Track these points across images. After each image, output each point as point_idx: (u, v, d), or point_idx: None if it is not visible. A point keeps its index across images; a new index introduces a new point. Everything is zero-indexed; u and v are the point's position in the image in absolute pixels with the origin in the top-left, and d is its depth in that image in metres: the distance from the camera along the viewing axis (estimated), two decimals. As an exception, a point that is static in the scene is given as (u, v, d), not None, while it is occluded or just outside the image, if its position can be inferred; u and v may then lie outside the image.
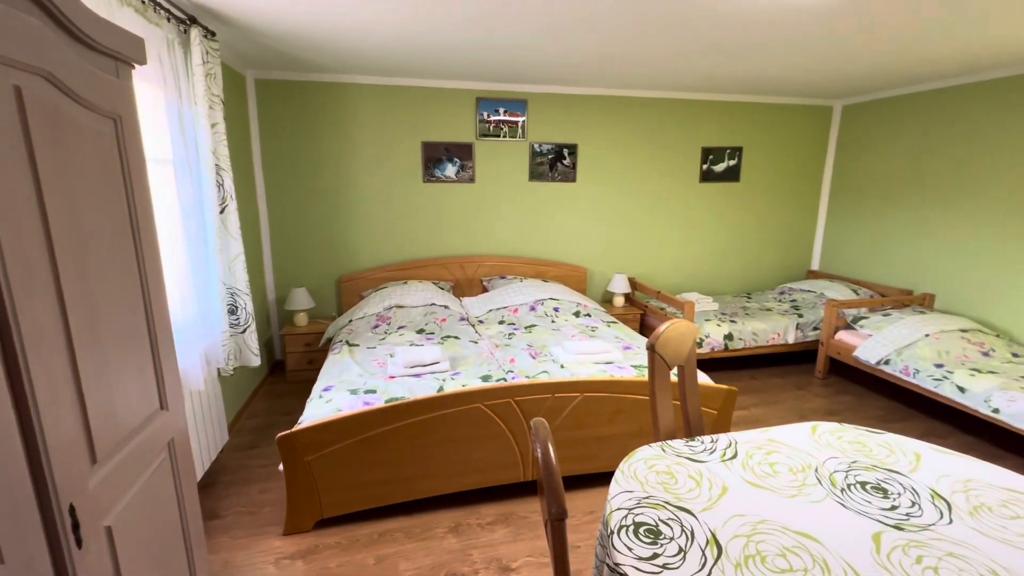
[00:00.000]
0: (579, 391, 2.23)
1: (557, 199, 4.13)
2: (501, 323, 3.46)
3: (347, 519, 2.14)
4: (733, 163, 4.39)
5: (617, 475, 1.21)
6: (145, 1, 1.89)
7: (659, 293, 3.87)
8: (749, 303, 4.26)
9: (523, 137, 3.92)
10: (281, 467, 1.98)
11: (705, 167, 4.34)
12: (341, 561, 1.92)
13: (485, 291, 4.02)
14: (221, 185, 2.43)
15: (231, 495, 2.31)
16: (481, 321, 3.52)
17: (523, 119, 3.89)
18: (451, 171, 3.87)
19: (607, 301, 4.37)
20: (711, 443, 1.37)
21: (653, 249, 4.44)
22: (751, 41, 2.64)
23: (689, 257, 4.54)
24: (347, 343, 2.99)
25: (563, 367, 2.61)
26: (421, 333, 3.20)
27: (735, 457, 1.30)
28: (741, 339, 3.71)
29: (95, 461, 0.96)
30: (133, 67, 1.16)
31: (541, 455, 0.95)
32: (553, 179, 4.07)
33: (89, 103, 0.97)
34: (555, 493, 0.92)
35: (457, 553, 1.96)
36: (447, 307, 3.51)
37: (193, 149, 2.27)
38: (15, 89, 0.78)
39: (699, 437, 1.41)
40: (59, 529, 0.84)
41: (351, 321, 3.36)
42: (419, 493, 2.16)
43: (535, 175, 4.02)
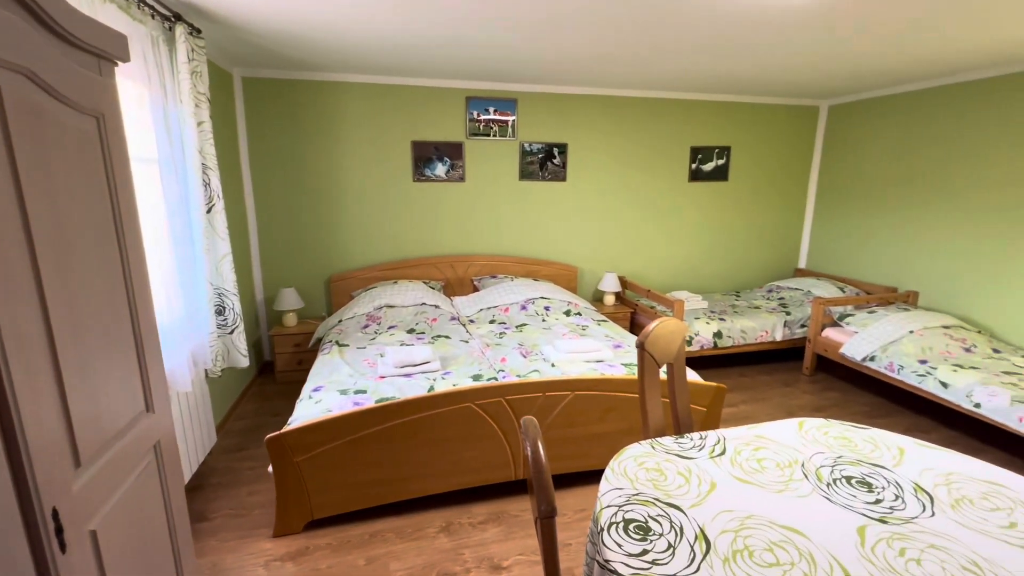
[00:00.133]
0: (570, 390, 2.24)
1: (547, 198, 4.14)
2: (492, 322, 3.46)
3: (338, 520, 2.13)
4: (722, 162, 4.43)
5: (607, 473, 1.22)
6: (129, -2, 1.86)
7: (649, 292, 3.89)
8: (738, 301, 4.31)
9: (513, 136, 3.93)
10: (270, 469, 1.96)
11: (694, 166, 4.37)
12: (332, 562, 1.91)
13: (476, 290, 4.02)
14: (208, 184, 2.40)
15: (219, 497, 2.28)
16: (472, 320, 3.51)
17: (513, 118, 3.89)
18: (441, 170, 3.86)
19: (598, 300, 4.38)
20: (700, 440, 1.38)
21: (643, 248, 4.46)
22: (738, 41, 2.67)
23: (679, 256, 4.57)
24: (337, 343, 2.97)
25: (554, 366, 2.62)
26: (412, 333, 3.19)
27: (723, 453, 1.31)
28: (730, 337, 3.75)
29: (79, 464, 0.94)
30: (116, 64, 1.14)
31: (531, 453, 0.96)
32: (543, 178, 4.07)
33: (71, 101, 0.95)
34: (544, 490, 0.92)
35: (448, 552, 1.96)
36: (438, 307, 3.50)
37: (179, 148, 2.24)
38: (-6, 86, 0.76)
39: (688, 434, 1.42)
40: (42, 533, 0.82)
41: (341, 321, 3.34)
42: (410, 493, 2.15)
43: (525, 174, 4.03)
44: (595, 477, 2.42)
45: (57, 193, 0.91)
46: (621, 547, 0.97)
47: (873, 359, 3.23)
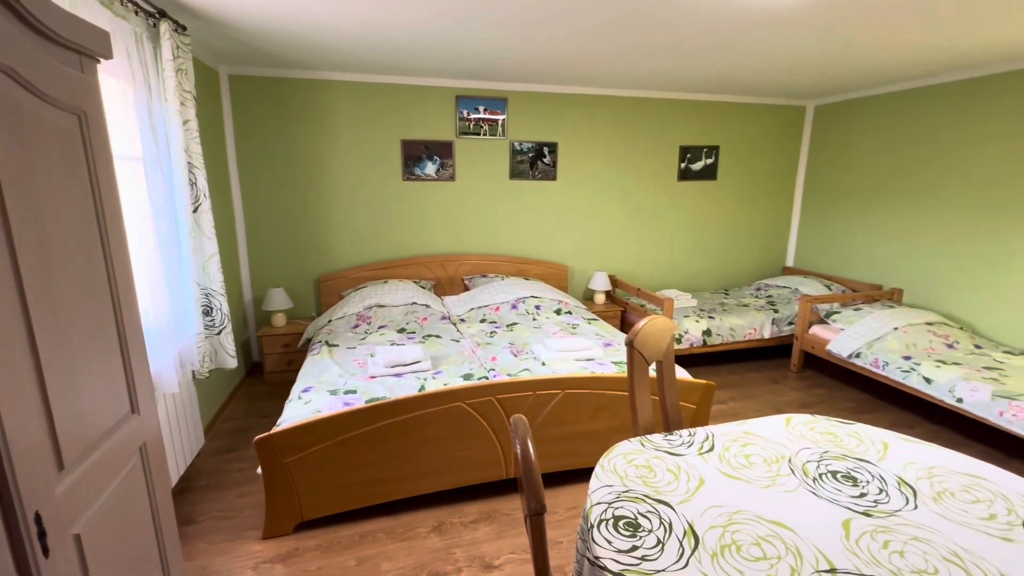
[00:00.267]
0: (560, 388, 2.24)
1: (538, 197, 4.15)
2: (483, 321, 3.46)
3: (328, 521, 2.12)
4: (710, 162, 4.47)
5: (597, 470, 1.22)
6: (111, -6, 1.83)
7: (639, 290, 3.91)
8: (727, 299, 4.35)
9: (503, 135, 3.92)
10: (259, 470, 1.94)
11: (683, 166, 4.41)
12: (322, 564, 1.90)
13: (467, 290, 4.02)
14: (194, 183, 2.37)
15: (208, 500, 2.26)
16: (463, 320, 3.51)
17: (503, 117, 3.89)
18: (431, 169, 3.85)
19: (588, 298, 4.40)
20: (689, 436, 1.39)
21: (633, 246, 4.49)
22: (726, 40, 2.69)
23: (668, 254, 4.60)
24: (327, 343, 2.95)
25: (544, 364, 2.63)
26: (402, 332, 3.18)
27: (712, 450, 1.32)
28: (719, 335, 3.78)
29: (62, 467, 0.93)
30: (99, 62, 1.12)
31: (520, 450, 0.96)
32: (534, 177, 4.08)
33: (52, 98, 0.94)
34: (534, 488, 0.92)
35: (440, 552, 1.96)
36: (428, 306, 3.49)
37: (164, 146, 2.22)
38: (-29, 83, 0.75)
39: (678, 431, 1.43)
40: (24, 538, 0.81)
41: (330, 321, 3.32)
42: (401, 493, 2.15)
43: (516, 173, 4.03)
44: (586, 475, 2.42)
45: (38, 191, 0.89)
46: (611, 544, 0.98)
47: (859, 356, 3.28)
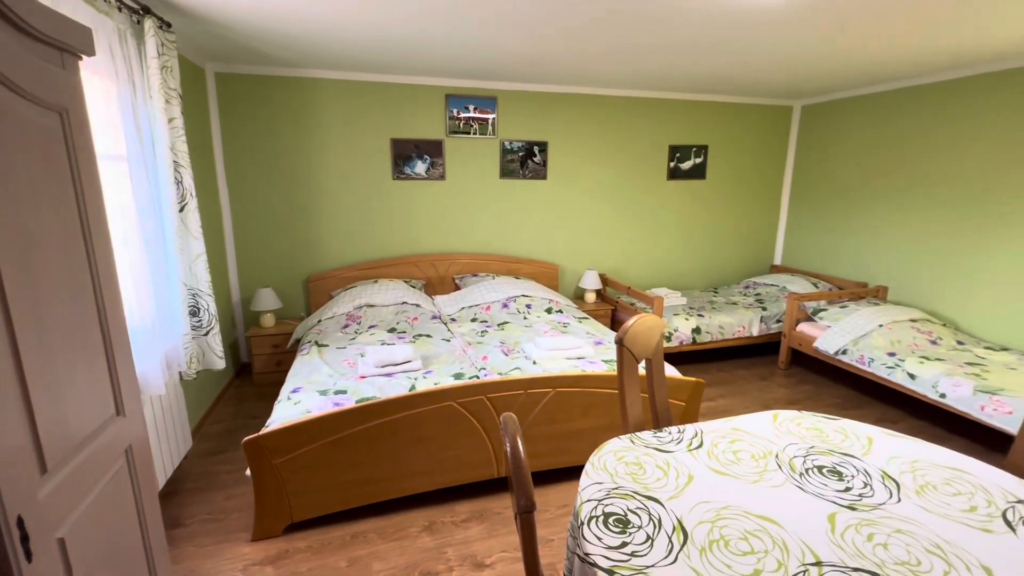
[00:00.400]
0: (551, 387, 2.25)
1: (528, 196, 4.15)
2: (473, 321, 3.46)
3: (319, 522, 2.10)
4: (699, 161, 4.50)
5: (587, 467, 1.23)
6: (94, -11, 1.80)
7: (629, 289, 3.93)
8: (716, 297, 4.38)
9: (493, 134, 3.92)
10: (248, 472, 1.93)
11: (672, 165, 4.43)
12: (313, 565, 1.88)
13: (457, 289, 4.01)
14: (180, 182, 2.34)
15: (196, 502, 2.24)
16: (453, 319, 3.50)
17: (493, 116, 3.89)
18: (421, 168, 3.84)
19: (579, 297, 4.41)
20: (678, 433, 1.40)
21: (623, 245, 4.51)
22: (716, 40, 2.71)
23: (658, 253, 4.63)
24: (316, 343, 2.94)
25: (535, 363, 2.63)
26: (392, 332, 3.16)
27: (701, 446, 1.33)
28: (708, 332, 3.81)
29: (45, 470, 0.91)
30: (81, 59, 1.11)
31: (510, 449, 0.96)
32: (524, 176, 4.08)
33: (32, 96, 0.92)
34: (523, 486, 0.92)
35: (431, 552, 1.95)
36: (419, 305, 3.48)
37: (149, 145, 2.18)
38: (-52, 80, 0.73)
39: (667, 428, 1.44)
40: (6, 542, 0.80)
41: (320, 321, 3.30)
42: (392, 493, 2.14)
43: (506, 172, 4.03)
44: (577, 473, 2.43)
45: (18, 190, 0.88)
46: (601, 540, 0.98)
47: (845, 352, 3.32)
